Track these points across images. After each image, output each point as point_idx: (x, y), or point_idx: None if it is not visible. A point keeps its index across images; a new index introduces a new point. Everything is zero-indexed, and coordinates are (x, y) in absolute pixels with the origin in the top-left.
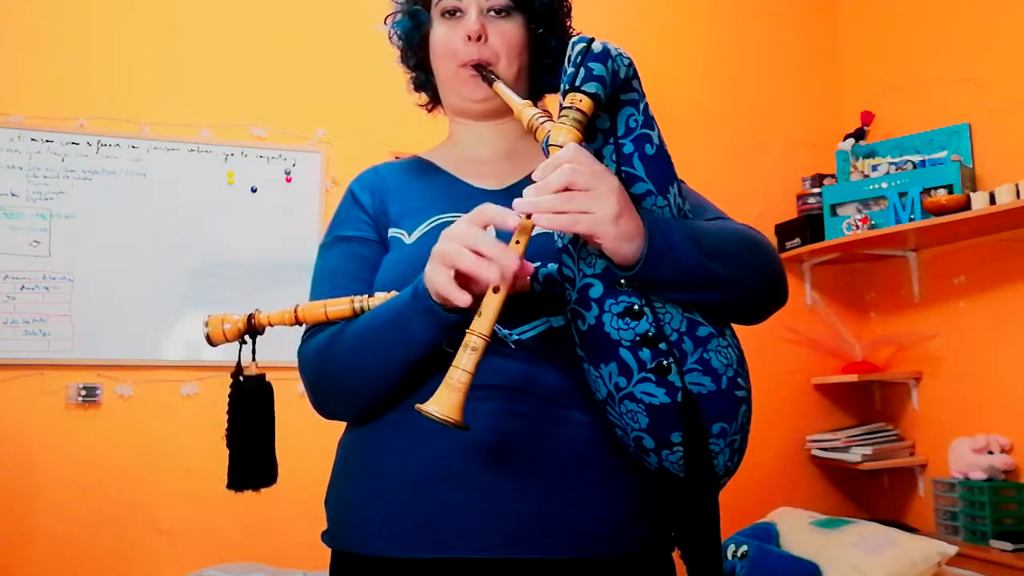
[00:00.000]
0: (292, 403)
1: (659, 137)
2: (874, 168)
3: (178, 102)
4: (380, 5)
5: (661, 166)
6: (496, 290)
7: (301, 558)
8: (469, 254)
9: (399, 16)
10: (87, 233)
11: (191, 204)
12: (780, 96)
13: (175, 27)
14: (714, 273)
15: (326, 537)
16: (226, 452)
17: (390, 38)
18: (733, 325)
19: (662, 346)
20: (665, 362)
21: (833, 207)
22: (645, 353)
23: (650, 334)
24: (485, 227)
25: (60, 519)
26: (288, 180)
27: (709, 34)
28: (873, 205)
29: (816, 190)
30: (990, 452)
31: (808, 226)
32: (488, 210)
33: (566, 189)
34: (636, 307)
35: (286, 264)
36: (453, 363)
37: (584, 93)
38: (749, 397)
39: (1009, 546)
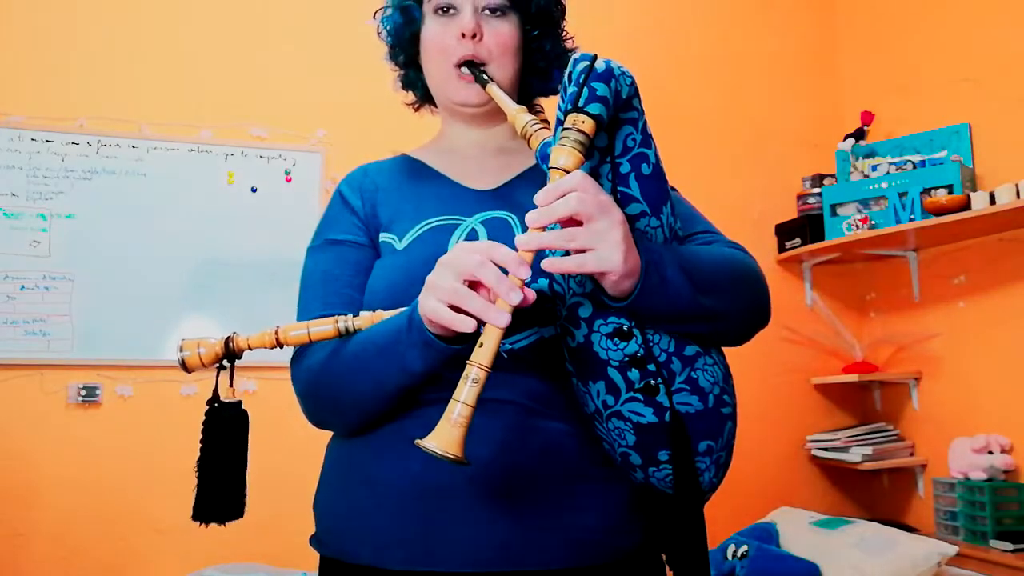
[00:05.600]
0: (292, 405)
1: (656, 155)
2: (874, 168)
3: (178, 102)
4: (380, 6)
5: (656, 186)
6: None
7: (301, 558)
8: (476, 298)
9: (389, 11)
10: (87, 233)
11: (191, 204)
12: (780, 96)
13: (175, 27)
14: (704, 307)
15: (314, 542)
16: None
17: (379, 33)
18: None
19: (651, 367)
20: (653, 382)
21: (833, 207)
22: (634, 373)
23: (639, 355)
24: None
25: (60, 519)
26: (288, 180)
27: (709, 35)
28: (873, 205)
29: (816, 190)
30: (990, 452)
31: (808, 226)
32: (497, 251)
33: (570, 219)
34: (625, 328)
35: (286, 264)
36: (453, 396)
37: (587, 114)
38: (735, 413)
39: (1009, 546)
